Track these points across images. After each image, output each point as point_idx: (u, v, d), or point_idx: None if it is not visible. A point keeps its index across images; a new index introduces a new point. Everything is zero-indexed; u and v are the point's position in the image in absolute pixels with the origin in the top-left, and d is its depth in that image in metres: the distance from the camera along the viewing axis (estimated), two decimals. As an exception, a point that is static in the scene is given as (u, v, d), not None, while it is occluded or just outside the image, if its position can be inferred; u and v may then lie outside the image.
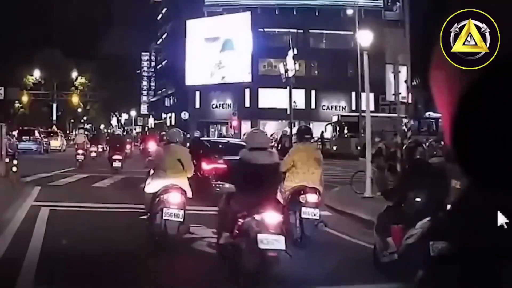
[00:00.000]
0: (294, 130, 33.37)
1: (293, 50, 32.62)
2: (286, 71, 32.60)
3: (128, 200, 11.20)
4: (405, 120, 38.98)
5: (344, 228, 9.32)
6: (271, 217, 5.63)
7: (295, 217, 7.58)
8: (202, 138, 18.44)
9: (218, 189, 8.58)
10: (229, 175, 6.67)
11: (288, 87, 32.12)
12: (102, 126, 77.19)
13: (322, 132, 37.55)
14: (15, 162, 12.87)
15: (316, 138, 39.66)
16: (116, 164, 18.89)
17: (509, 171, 1.10)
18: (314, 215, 7.58)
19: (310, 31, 50.85)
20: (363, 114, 33.84)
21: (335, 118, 37.05)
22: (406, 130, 15.89)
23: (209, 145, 14.74)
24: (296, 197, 7.63)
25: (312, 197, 7.63)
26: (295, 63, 31.68)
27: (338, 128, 35.79)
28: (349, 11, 39.07)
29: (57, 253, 6.57)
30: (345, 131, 34.98)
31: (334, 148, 34.74)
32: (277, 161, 6.47)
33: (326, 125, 37.40)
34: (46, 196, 11.63)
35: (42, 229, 7.92)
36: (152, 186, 7.65)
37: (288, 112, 31.82)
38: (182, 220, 7.11)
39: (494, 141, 1.08)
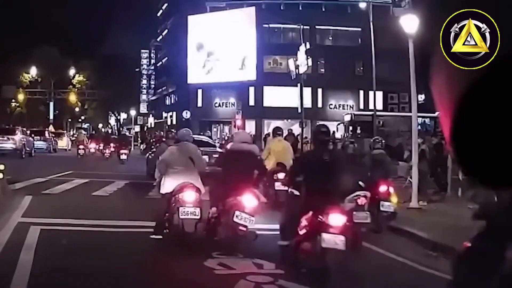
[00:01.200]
0: (306, 130, 31.71)
1: (305, 45, 30.68)
2: (297, 67, 30.70)
3: (135, 215, 9.43)
4: (420, 120, 37.28)
5: (401, 250, 7.90)
6: (248, 199, 7.17)
7: (273, 189, 10.78)
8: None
9: None
10: (219, 161, 8.27)
11: (298, 85, 30.20)
12: (100, 125, 75.59)
13: (334, 132, 35.75)
14: (1, 167, 10.83)
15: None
16: (123, 157, 25.68)
17: (509, 171, 1.09)
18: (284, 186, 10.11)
19: (317, 27, 49.15)
20: (377, 113, 32.39)
21: (347, 118, 35.14)
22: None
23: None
24: (271, 175, 10.74)
25: (281, 175, 10.49)
26: (307, 58, 29.77)
27: (351, 128, 33.96)
28: (362, 5, 37.24)
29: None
30: (358, 131, 33.22)
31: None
32: (255, 149, 8.23)
33: (338, 124, 35.57)
34: (37, 210, 9.73)
35: (29, 260, 5.96)
36: (166, 186, 7.64)
37: (299, 111, 29.92)
38: (198, 217, 7.20)
39: (494, 141, 1.07)
